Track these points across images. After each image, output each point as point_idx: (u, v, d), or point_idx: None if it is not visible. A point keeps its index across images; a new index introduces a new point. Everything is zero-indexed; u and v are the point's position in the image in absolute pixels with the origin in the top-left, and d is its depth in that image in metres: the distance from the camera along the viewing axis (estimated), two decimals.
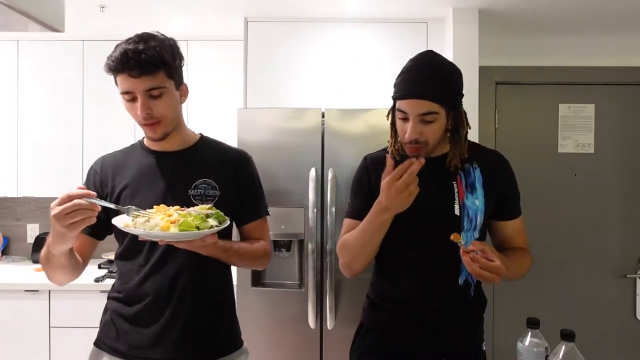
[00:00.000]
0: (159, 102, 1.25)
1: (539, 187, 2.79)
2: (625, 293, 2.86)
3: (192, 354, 1.30)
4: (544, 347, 1.15)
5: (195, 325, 1.30)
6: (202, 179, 1.33)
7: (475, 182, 1.32)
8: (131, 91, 1.24)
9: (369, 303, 1.44)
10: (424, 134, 1.23)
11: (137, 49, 1.23)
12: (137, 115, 1.25)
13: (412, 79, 1.24)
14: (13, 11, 0.80)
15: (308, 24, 2.51)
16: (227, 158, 1.40)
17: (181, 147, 1.37)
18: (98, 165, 1.39)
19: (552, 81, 2.86)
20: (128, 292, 1.31)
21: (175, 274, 1.28)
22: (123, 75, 1.24)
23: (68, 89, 2.80)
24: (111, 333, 1.32)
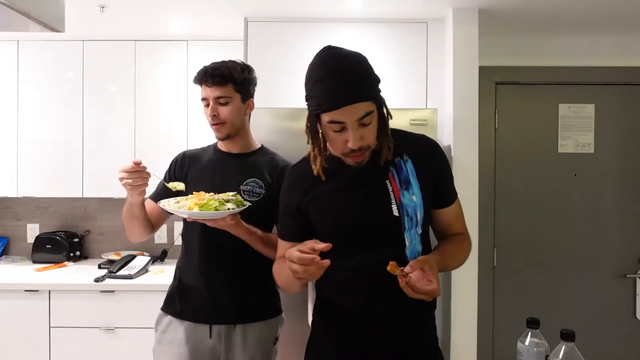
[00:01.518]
0: (225, 108, 1.63)
1: (539, 187, 2.79)
2: (625, 293, 2.86)
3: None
4: (544, 347, 1.15)
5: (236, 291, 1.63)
6: (252, 179, 1.66)
7: (409, 176, 1.26)
8: (206, 98, 1.63)
9: (318, 311, 1.39)
10: (364, 138, 1.16)
11: (214, 66, 1.63)
12: (208, 117, 1.64)
13: (335, 85, 1.13)
14: (13, 11, 0.80)
15: (308, 24, 2.51)
16: (276, 167, 1.70)
17: (242, 151, 1.73)
18: (180, 156, 1.77)
19: (552, 81, 2.86)
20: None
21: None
22: (203, 85, 1.63)
23: (68, 89, 2.80)
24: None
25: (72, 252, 2.98)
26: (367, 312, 1.27)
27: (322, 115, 1.16)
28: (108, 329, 2.49)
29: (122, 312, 2.50)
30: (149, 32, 2.74)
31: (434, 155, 1.31)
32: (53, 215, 3.16)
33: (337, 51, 1.21)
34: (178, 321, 1.63)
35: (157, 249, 3.07)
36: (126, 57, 2.78)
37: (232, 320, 1.62)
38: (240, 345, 1.62)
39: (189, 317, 1.63)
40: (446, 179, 1.32)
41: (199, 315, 1.62)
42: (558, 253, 2.83)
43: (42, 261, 2.92)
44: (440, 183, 1.30)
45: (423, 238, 1.28)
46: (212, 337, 1.61)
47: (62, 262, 2.92)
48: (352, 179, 1.26)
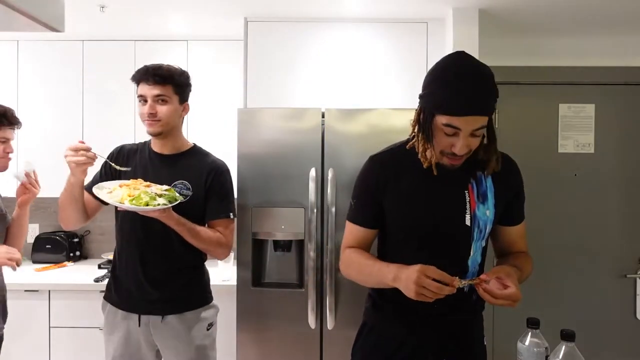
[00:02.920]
0: (163, 107, 1.70)
1: (539, 187, 2.79)
2: (625, 293, 2.85)
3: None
4: (544, 347, 1.15)
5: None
6: (180, 180, 1.73)
7: (487, 191, 1.29)
8: (144, 95, 1.70)
9: (371, 302, 1.42)
10: (469, 146, 1.19)
11: (155, 66, 1.71)
12: (143, 114, 1.71)
13: (465, 93, 1.13)
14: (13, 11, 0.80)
15: (308, 24, 2.51)
16: (204, 167, 1.78)
17: (173, 152, 1.79)
18: (118, 149, 1.85)
19: (552, 81, 2.86)
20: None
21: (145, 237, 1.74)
22: (142, 83, 1.70)
23: (68, 89, 2.80)
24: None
25: (72, 252, 2.98)
26: (421, 309, 1.28)
27: (439, 116, 1.17)
28: None
29: None
30: (148, 32, 2.74)
31: (514, 175, 1.36)
32: (53, 215, 3.15)
33: (471, 59, 1.21)
34: (114, 309, 1.75)
35: None
36: (126, 57, 2.78)
37: (159, 311, 1.71)
38: (172, 334, 1.71)
39: (120, 306, 1.74)
40: (520, 199, 1.37)
41: (129, 305, 1.72)
42: (558, 253, 2.83)
43: (42, 261, 2.92)
44: (514, 202, 1.34)
45: (483, 251, 1.33)
46: (141, 326, 1.70)
47: (62, 262, 2.92)
48: (434, 182, 1.28)
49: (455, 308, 1.30)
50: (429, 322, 1.31)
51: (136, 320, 1.71)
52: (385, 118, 2.13)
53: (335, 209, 2.08)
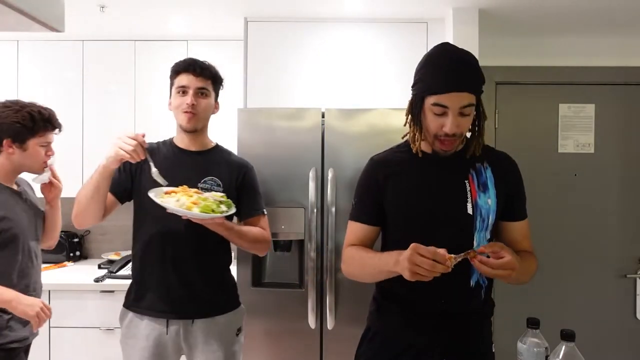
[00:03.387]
0: (204, 101, 1.67)
1: (539, 187, 2.79)
2: (625, 293, 2.85)
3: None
4: (544, 347, 1.15)
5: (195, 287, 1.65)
6: (210, 177, 1.68)
7: (487, 181, 1.31)
8: (187, 86, 1.64)
9: (375, 306, 1.41)
10: (460, 126, 1.23)
11: (199, 60, 1.69)
12: (183, 105, 1.64)
13: (448, 72, 1.21)
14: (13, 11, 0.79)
15: (308, 24, 2.51)
16: (234, 165, 1.75)
17: (200, 149, 1.74)
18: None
19: (552, 81, 2.86)
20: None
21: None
22: (186, 74, 1.65)
23: (68, 89, 2.80)
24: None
25: (72, 252, 2.98)
26: (427, 307, 1.30)
27: (428, 98, 1.23)
28: (108, 329, 2.49)
29: None
30: (148, 32, 2.74)
31: (513, 172, 1.37)
32: None
33: (456, 47, 1.30)
34: (138, 317, 1.64)
35: None
36: (126, 57, 2.78)
37: (190, 315, 1.64)
38: (201, 339, 1.64)
39: (146, 313, 1.64)
40: (520, 196, 1.38)
41: (157, 312, 1.63)
42: (558, 253, 2.83)
43: (42, 261, 2.91)
44: (514, 198, 1.35)
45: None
46: (169, 333, 1.62)
47: (62, 262, 2.92)
48: (434, 173, 1.31)
49: (463, 307, 1.30)
50: (435, 325, 1.30)
51: (164, 325, 1.62)
52: (385, 118, 2.13)
53: (335, 209, 2.08)
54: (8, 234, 1.66)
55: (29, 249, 1.77)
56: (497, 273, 1.14)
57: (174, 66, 1.70)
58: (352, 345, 1.45)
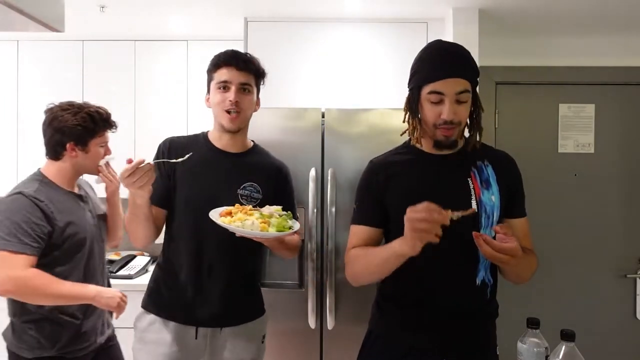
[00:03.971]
0: (247, 98, 1.54)
1: (539, 187, 2.79)
2: (625, 293, 2.85)
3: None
4: (544, 347, 1.15)
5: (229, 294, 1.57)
6: (249, 182, 1.57)
7: (490, 178, 1.31)
8: (229, 81, 1.51)
9: (378, 309, 1.40)
10: (457, 114, 1.24)
11: (241, 53, 1.55)
12: (225, 102, 1.50)
13: (441, 60, 1.25)
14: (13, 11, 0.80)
15: (308, 24, 2.51)
16: (272, 168, 1.65)
17: (240, 150, 1.62)
18: (166, 146, 1.60)
19: (552, 81, 2.86)
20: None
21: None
22: (227, 68, 1.51)
23: (68, 89, 2.80)
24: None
25: None
26: (431, 307, 1.29)
27: (424, 88, 1.26)
28: None
29: None
30: (148, 32, 2.74)
31: (512, 169, 1.38)
32: None
33: (444, 41, 1.35)
34: (162, 321, 1.55)
35: (157, 249, 3.03)
36: (126, 57, 2.78)
37: (221, 323, 1.56)
38: (229, 346, 1.57)
39: (175, 318, 1.54)
40: (520, 193, 1.38)
41: (186, 317, 1.54)
42: (558, 253, 2.83)
43: None
44: (514, 196, 1.35)
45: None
46: (198, 339, 1.54)
47: None
48: (435, 170, 1.31)
49: (468, 306, 1.29)
50: (439, 327, 1.29)
51: (193, 333, 1.54)
52: (385, 118, 2.13)
53: (335, 209, 2.08)
54: (75, 239, 1.63)
55: (96, 252, 1.76)
56: (497, 256, 1.12)
57: (214, 59, 1.56)
58: (352, 345, 1.45)
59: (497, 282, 1.36)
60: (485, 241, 1.13)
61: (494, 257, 1.14)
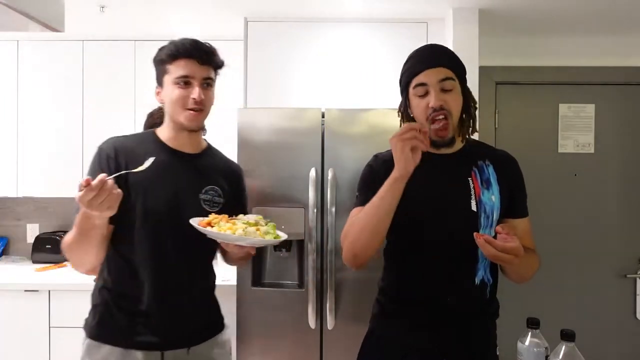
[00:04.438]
0: (210, 93, 1.39)
1: (539, 187, 2.78)
2: (625, 293, 2.86)
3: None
4: (544, 347, 1.15)
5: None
6: (210, 186, 1.41)
7: (490, 178, 1.31)
8: (190, 76, 1.33)
9: (379, 308, 1.40)
10: (446, 102, 1.25)
11: (206, 44, 1.37)
12: (187, 100, 1.33)
13: (421, 56, 1.31)
14: (13, 11, 0.80)
15: (308, 24, 2.51)
16: (231, 170, 1.52)
17: (196, 150, 1.45)
18: (111, 150, 1.39)
19: (552, 81, 2.86)
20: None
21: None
22: (187, 60, 1.33)
23: (68, 89, 2.80)
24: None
25: None
26: (432, 307, 1.29)
27: (410, 85, 1.30)
28: None
29: None
30: (149, 32, 2.74)
31: (513, 169, 1.38)
32: (53, 215, 3.16)
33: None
34: (122, 351, 1.34)
35: None
36: (126, 57, 2.78)
37: (188, 342, 1.39)
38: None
39: (136, 346, 1.33)
40: (521, 193, 1.38)
41: (149, 343, 1.33)
42: (558, 253, 2.83)
43: (42, 261, 2.92)
44: (515, 195, 1.35)
45: None
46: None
47: (62, 262, 2.91)
48: (435, 171, 1.31)
49: (468, 306, 1.29)
50: (440, 327, 1.29)
51: (158, 358, 1.35)
52: (385, 118, 2.13)
53: (335, 209, 2.08)
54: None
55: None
56: (500, 256, 1.12)
57: (169, 48, 1.35)
58: (352, 345, 1.45)
59: (497, 281, 1.36)
60: (487, 241, 1.13)
61: (497, 257, 1.13)
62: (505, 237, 1.14)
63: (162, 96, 1.39)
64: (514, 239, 1.14)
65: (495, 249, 1.12)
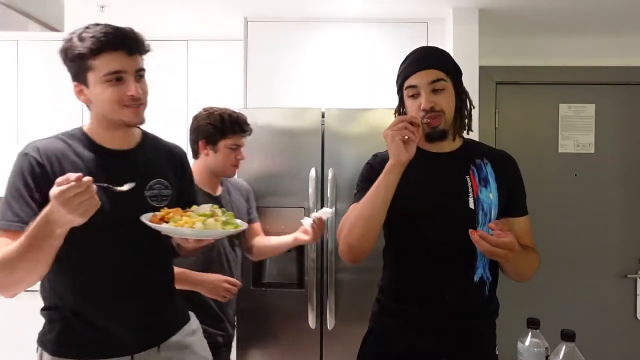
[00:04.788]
0: (145, 85, 1.27)
1: (539, 187, 2.78)
2: (625, 293, 2.85)
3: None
4: (544, 347, 1.15)
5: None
6: (155, 180, 1.32)
7: (488, 176, 1.32)
8: (122, 70, 1.19)
9: (379, 307, 1.40)
10: (437, 102, 1.26)
11: (127, 29, 1.21)
12: (124, 96, 1.20)
13: (415, 58, 1.33)
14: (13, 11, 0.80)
15: (308, 24, 2.51)
16: (172, 156, 1.41)
17: (132, 144, 1.33)
18: (40, 156, 1.26)
19: (552, 81, 2.86)
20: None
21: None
22: (113, 53, 1.18)
23: (68, 89, 2.78)
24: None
25: None
26: (431, 305, 1.29)
27: (404, 86, 1.32)
28: None
29: None
30: (148, 32, 2.70)
31: (512, 168, 1.39)
32: None
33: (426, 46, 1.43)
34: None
35: None
36: None
37: (156, 342, 1.32)
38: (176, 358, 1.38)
39: (105, 355, 1.25)
40: (520, 192, 1.39)
41: (117, 350, 1.26)
42: (558, 253, 2.82)
43: None
44: (514, 194, 1.36)
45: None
46: None
47: None
48: (433, 167, 1.33)
49: (467, 304, 1.29)
50: (439, 325, 1.29)
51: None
52: (385, 118, 2.10)
53: (335, 209, 2.08)
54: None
55: (222, 253, 1.79)
56: (495, 251, 1.12)
57: (90, 41, 1.16)
58: (352, 345, 1.45)
59: (497, 280, 1.36)
60: (482, 237, 1.13)
61: (492, 253, 1.14)
62: (499, 233, 1.14)
63: (88, 95, 1.26)
64: (508, 234, 1.14)
65: (490, 244, 1.12)
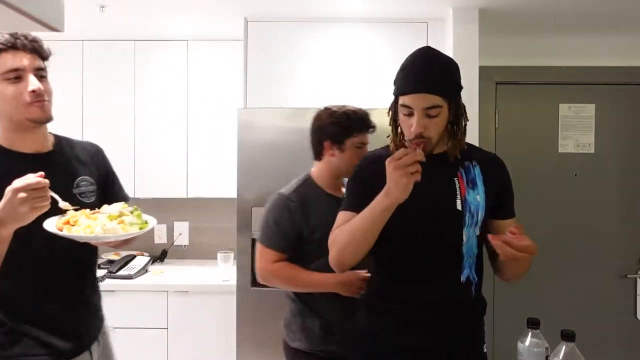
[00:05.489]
0: (47, 83, 1.30)
1: (539, 187, 2.79)
2: (625, 293, 2.86)
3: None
4: (544, 347, 1.15)
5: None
6: (80, 177, 1.37)
7: (476, 178, 1.33)
8: (21, 68, 1.23)
9: (368, 307, 1.41)
10: (428, 128, 1.23)
11: (27, 34, 1.29)
12: (24, 94, 1.22)
13: (414, 74, 1.25)
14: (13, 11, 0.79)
15: (308, 24, 2.51)
16: (90, 152, 1.46)
17: (48, 147, 1.35)
18: None
19: (552, 81, 2.86)
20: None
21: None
22: (12, 52, 1.23)
23: (68, 89, 2.80)
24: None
25: None
26: (419, 305, 1.30)
27: (399, 99, 1.28)
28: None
29: (122, 312, 2.49)
30: (148, 32, 2.74)
31: (500, 171, 1.39)
32: None
33: (431, 49, 1.33)
34: None
35: (156, 249, 3.07)
36: (126, 57, 2.78)
37: (86, 346, 1.35)
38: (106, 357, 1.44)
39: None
40: (509, 194, 1.39)
41: (50, 355, 1.27)
42: (558, 253, 2.83)
43: None
44: (502, 197, 1.36)
45: (479, 241, 1.33)
46: None
47: None
48: (422, 171, 1.29)
49: (454, 304, 1.30)
50: (427, 324, 1.30)
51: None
52: (385, 118, 2.11)
53: None
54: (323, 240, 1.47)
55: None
56: (519, 255, 1.14)
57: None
58: None
59: (481, 280, 1.37)
60: (505, 242, 1.14)
61: (515, 257, 1.15)
62: (520, 237, 1.15)
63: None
64: (524, 237, 1.16)
65: (515, 249, 1.13)
